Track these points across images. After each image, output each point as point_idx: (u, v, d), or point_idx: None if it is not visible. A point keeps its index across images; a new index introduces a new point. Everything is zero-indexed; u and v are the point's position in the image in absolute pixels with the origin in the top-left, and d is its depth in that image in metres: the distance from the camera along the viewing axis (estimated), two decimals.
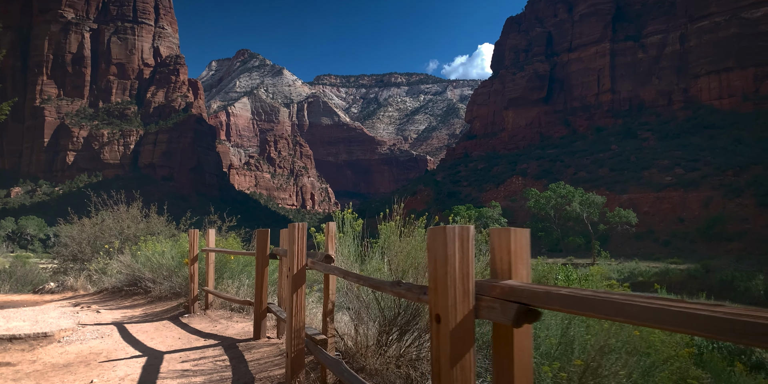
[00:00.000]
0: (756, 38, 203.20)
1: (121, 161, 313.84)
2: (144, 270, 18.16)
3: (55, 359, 9.43)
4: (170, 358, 9.00)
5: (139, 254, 18.91)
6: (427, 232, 3.84)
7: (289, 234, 7.41)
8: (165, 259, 17.51)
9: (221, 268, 15.43)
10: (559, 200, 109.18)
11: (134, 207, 26.46)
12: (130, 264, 19.00)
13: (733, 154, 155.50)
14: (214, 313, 13.67)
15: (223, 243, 16.79)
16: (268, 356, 8.72)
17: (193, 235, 14.56)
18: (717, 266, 67.85)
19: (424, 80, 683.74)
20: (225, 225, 20.10)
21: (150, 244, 18.72)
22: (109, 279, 20.91)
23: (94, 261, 23.51)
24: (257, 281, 10.08)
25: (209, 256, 14.10)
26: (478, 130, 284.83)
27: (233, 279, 15.08)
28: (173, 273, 17.14)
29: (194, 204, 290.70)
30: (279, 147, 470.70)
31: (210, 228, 15.88)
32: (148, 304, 16.68)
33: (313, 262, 7.09)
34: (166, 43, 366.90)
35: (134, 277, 18.63)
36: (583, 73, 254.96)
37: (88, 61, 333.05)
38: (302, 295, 7.10)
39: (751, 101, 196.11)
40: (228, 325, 12.15)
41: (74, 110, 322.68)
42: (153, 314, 14.78)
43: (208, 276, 14.01)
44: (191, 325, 12.56)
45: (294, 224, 7.32)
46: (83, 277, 22.54)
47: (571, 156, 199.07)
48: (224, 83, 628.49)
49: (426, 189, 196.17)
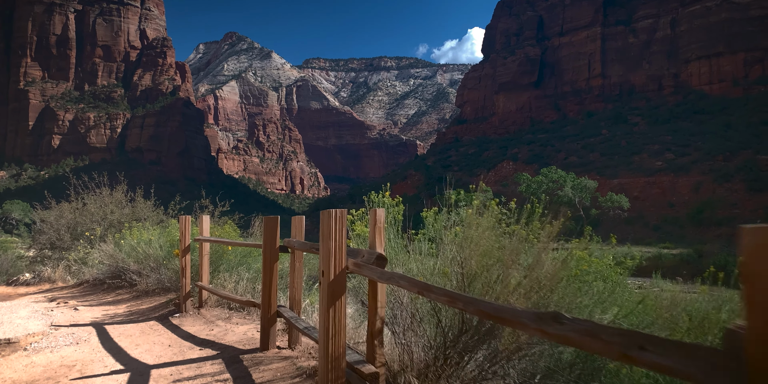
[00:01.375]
0: (746, 23, 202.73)
1: (107, 145, 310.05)
2: (129, 261, 16.43)
3: (17, 374, 7.82)
4: (159, 376, 7.41)
5: (123, 243, 17.12)
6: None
7: (323, 225, 5.54)
8: (152, 248, 15.69)
9: (217, 259, 13.75)
10: (551, 185, 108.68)
11: (118, 190, 24.48)
12: (113, 254, 17.26)
13: (723, 139, 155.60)
14: (210, 313, 12.03)
15: (219, 231, 15.06)
16: (282, 376, 6.98)
17: (184, 223, 12.71)
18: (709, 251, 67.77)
19: (414, 64, 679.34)
20: (217, 210, 18.95)
21: (135, 232, 17.16)
22: (90, 270, 19.19)
23: (73, 250, 21.59)
24: (265, 279, 8.53)
25: (203, 247, 12.38)
26: (469, 115, 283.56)
27: (230, 272, 13.33)
28: (161, 264, 15.34)
29: (182, 188, 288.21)
30: (268, 131, 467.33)
31: (203, 214, 14.30)
32: (133, 299, 14.95)
33: (358, 264, 5.31)
34: (152, 26, 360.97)
35: (118, 269, 16.90)
36: (574, 58, 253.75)
37: (73, 43, 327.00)
38: (342, 310, 5.36)
39: (741, 86, 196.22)
40: (227, 328, 10.50)
41: (59, 93, 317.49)
42: (139, 313, 13.09)
43: (202, 269, 12.32)
44: (183, 327, 10.87)
45: (329, 211, 5.47)
46: (62, 268, 20.73)
47: (562, 141, 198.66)
48: (212, 66, 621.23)
49: (417, 174, 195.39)
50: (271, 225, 8.62)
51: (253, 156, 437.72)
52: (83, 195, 24.11)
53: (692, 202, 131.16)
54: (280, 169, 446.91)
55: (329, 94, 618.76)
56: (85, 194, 24.10)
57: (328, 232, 5.48)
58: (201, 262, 12.38)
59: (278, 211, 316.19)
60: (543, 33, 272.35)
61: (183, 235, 12.64)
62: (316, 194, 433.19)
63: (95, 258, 18.94)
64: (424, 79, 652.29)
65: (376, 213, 5.55)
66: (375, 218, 5.56)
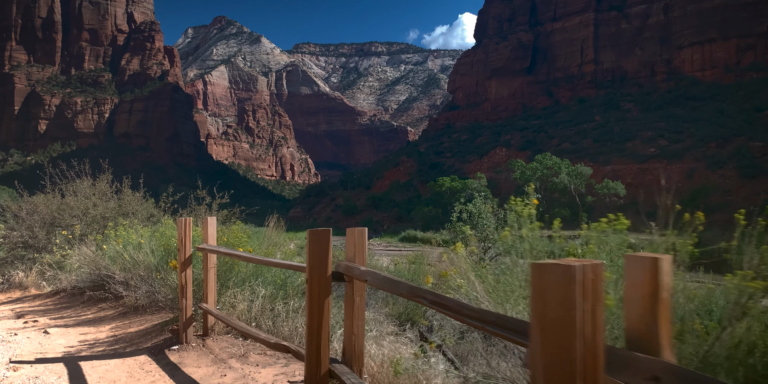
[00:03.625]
0: (740, 9, 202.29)
1: (95, 130, 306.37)
2: (113, 268, 13.61)
3: None
4: None
5: (106, 249, 14.39)
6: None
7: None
8: (142, 253, 12.86)
9: (225, 272, 10.83)
10: (545, 172, 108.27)
11: (102, 180, 21.02)
12: (94, 259, 14.47)
13: (716, 125, 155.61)
14: (218, 345, 9.33)
15: (227, 234, 12.17)
16: None
17: (183, 227, 9.83)
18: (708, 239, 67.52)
19: (405, 50, 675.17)
20: (215, 202, 17.10)
21: (122, 232, 14.49)
22: (67, 276, 16.08)
23: (48, 251, 18.58)
24: (311, 322, 6.02)
25: (208, 259, 9.63)
26: (461, 101, 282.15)
27: (242, 287, 10.41)
28: (154, 273, 12.50)
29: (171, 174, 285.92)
30: (257, 117, 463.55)
31: (209, 215, 11.89)
32: (119, 317, 12.18)
33: None
34: (140, 9, 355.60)
35: (100, 277, 13.96)
36: (567, 43, 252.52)
37: (59, 26, 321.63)
38: None
39: (733, 73, 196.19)
40: (244, 372, 7.74)
41: (45, 77, 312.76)
42: (126, 339, 10.28)
43: (208, 287, 9.62)
44: (185, 368, 8.23)
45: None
46: (35, 273, 17.82)
47: (555, 127, 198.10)
48: (201, 51, 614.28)
49: (409, 160, 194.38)
50: (319, 243, 6.02)
51: (242, 142, 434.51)
52: (61, 186, 20.86)
53: (685, 188, 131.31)
54: (270, 155, 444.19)
55: (319, 79, 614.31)
56: (63, 185, 20.86)
57: None
58: (206, 278, 9.68)
59: (268, 197, 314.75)
60: (536, 18, 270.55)
61: (183, 243, 9.82)
62: (306, 180, 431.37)
63: (73, 262, 15.86)
64: (415, 65, 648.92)
65: None
66: None
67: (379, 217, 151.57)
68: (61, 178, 20.95)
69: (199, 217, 17.47)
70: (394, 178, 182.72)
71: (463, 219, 16.41)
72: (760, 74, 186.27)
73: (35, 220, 19.76)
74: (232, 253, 9.03)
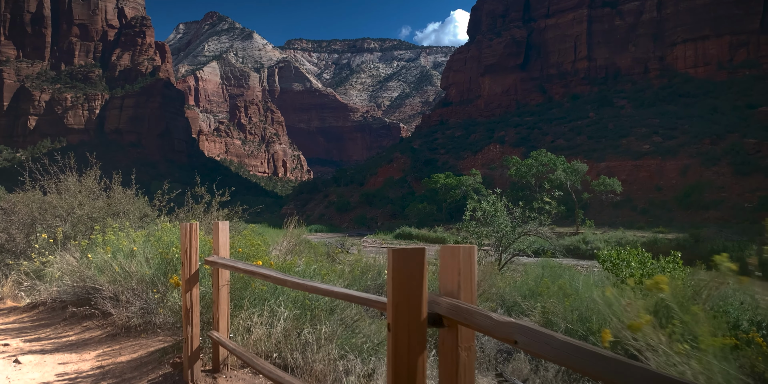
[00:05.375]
0: (732, 6, 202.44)
1: (86, 126, 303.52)
2: (101, 279, 11.55)
3: None
4: None
5: (91, 258, 12.31)
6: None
7: None
8: (135, 263, 10.86)
9: (240, 289, 8.77)
10: (541, 168, 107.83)
11: (89, 176, 18.67)
12: (78, 268, 12.50)
13: (710, 122, 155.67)
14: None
15: (240, 242, 10.24)
16: None
17: (188, 234, 7.79)
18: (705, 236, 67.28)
19: (398, 46, 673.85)
20: (215, 200, 16.05)
21: (111, 237, 12.41)
22: (47, 287, 13.90)
23: (28, 256, 16.31)
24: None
25: (220, 275, 7.56)
26: (454, 97, 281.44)
27: (259, 307, 8.40)
28: (149, 288, 10.47)
29: (163, 171, 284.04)
30: (249, 113, 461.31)
31: (220, 220, 9.90)
32: (107, 340, 10.16)
33: None
34: (131, 4, 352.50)
35: (85, 290, 12.02)
36: (560, 40, 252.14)
37: (49, 21, 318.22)
38: None
39: (726, 70, 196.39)
40: None
41: (35, 73, 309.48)
42: (115, 373, 8.35)
43: (219, 311, 7.57)
44: None
45: None
46: (11, 282, 15.67)
47: (549, 123, 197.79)
48: (192, 47, 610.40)
49: (403, 156, 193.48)
50: (410, 270, 3.88)
51: (234, 138, 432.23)
52: (42, 182, 18.77)
53: (680, 185, 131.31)
54: (262, 151, 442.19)
55: (312, 75, 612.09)
56: (45, 181, 18.74)
57: None
58: (216, 298, 7.60)
59: (261, 193, 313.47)
60: (529, 14, 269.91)
61: (187, 256, 7.73)
62: (299, 177, 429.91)
63: (55, 271, 13.71)
64: (408, 62, 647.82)
65: None
66: None
67: (373, 213, 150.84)
68: (43, 174, 18.74)
69: (198, 217, 16.48)
70: (387, 174, 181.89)
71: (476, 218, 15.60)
72: (752, 71, 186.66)
73: (12, 221, 17.53)
74: (257, 272, 6.55)
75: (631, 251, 13.46)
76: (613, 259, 13.37)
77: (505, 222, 14.67)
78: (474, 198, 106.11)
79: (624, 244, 71.28)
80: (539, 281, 11.31)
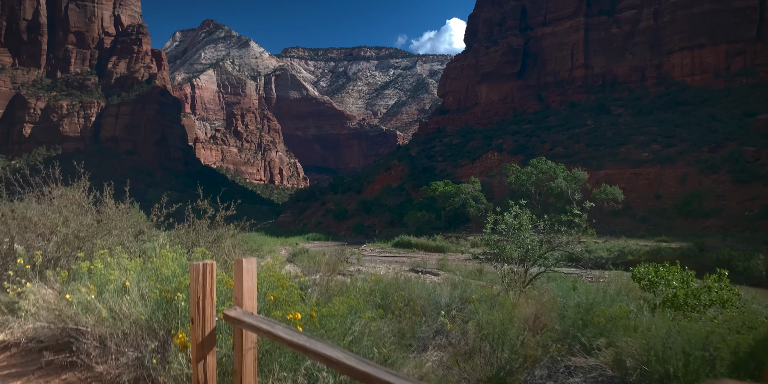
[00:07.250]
0: (729, 14, 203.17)
1: (81, 134, 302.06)
2: (85, 318, 9.40)
3: None
4: None
5: (70, 299, 9.82)
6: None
7: None
8: (127, 302, 8.89)
9: (269, 352, 6.83)
10: (540, 176, 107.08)
11: (77, 188, 15.67)
12: (58, 306, 10.14)
13: (708, 130, 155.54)
14: None
15: (266, 278, 8.16)
16: None
17: (200, 279, 5.96)
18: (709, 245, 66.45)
19: (394, 54, 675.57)
20: (219, 215, 14.66)
21: (98, 265, 10.19)
22: (22, 324, 11.22)
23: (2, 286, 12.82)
24: None
25: (246, 337, 5.67)
26: (451, 105, 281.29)
27: (292, 372, 6.64)
28: (145, 333, 8.59)
29: (159, 178, 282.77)
30: (246, 121, 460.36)
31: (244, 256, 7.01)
32: None
33: None
34: (127, 12, 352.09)
35: (65, 332, 9.80)
36: (557, 48, 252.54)
37: (45, 28, 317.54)
38: None
39: (723, 78, 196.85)
40: None
41: (30, 80, 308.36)
42: None
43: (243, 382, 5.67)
44: None
45: None
46: None
47: (546, 131, 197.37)
48: (189, 55, 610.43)
49: (400, 164, 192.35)
50: None
51: (231, 146, 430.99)
52: (23, 195, 16.22)
53: (679, 193, 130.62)
54: (258, 159, 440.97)
55: (308, 83, 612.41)
56: (25, 194, 16.11)
57: None
58: (240, 368, 5.64)
59: (257, 201, 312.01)
60: (526, 23, 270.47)
61: (199, 309, 5.89)
62: (295, 185, 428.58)
63: (30, 304, 10.77)
64: (404, 70, 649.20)
65: None
66: None
67: (371, 221, 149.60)
68: (24, 186, 16.09)
69: (202, 234, 15.16)
70: (385, 182, 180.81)
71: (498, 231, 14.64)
72: (749, 79, 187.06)
73: None
74: (312, 350, 4.59)
75: (670, 269, 12.45)
76: (650, 277, 12.37)
77: (531, 237, 13.73)
78: (472, 205, 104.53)
79: (626, 253, 70.35)
80: (581, 303, 10.30)
